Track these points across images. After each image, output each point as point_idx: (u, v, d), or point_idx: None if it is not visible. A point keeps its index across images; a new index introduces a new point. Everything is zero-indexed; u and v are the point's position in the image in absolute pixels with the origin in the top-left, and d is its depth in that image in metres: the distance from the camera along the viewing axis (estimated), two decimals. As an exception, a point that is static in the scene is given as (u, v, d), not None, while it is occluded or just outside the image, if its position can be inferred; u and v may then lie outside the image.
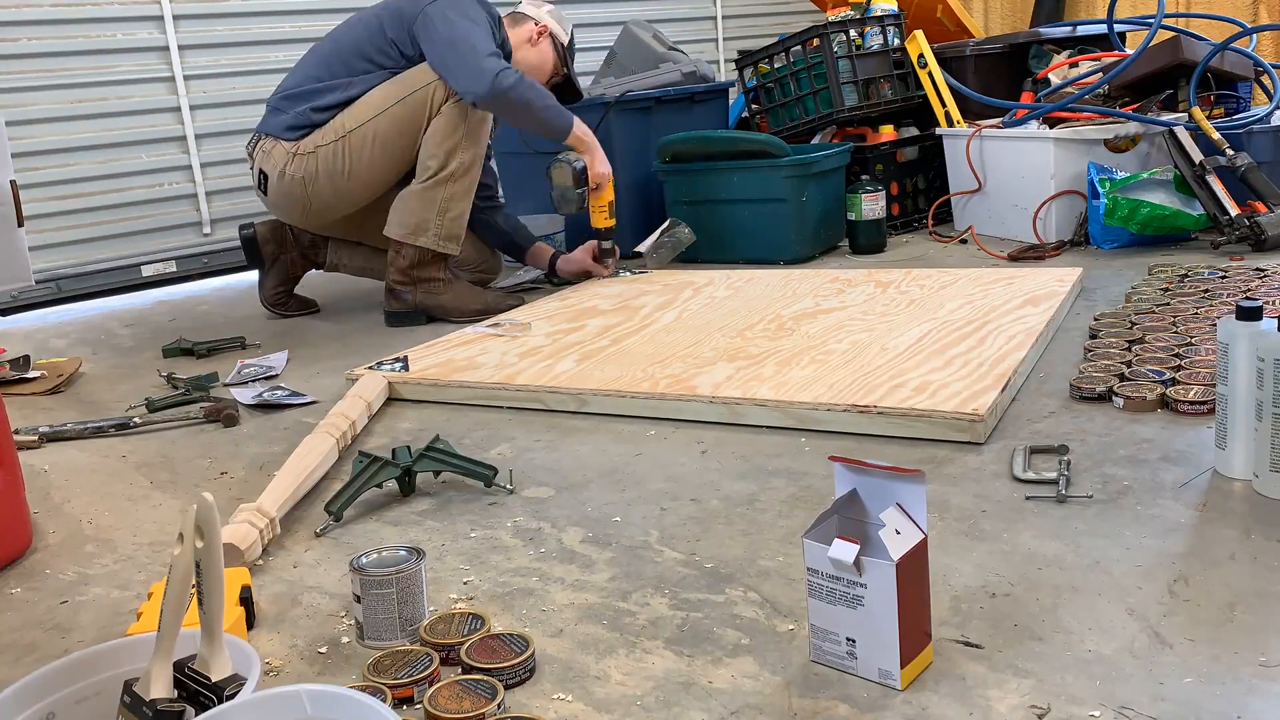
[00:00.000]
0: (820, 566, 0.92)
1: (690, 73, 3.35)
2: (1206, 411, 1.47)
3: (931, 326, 1.94)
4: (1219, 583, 1.04)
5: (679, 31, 4.48)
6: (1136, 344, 1.79)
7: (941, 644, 0.97)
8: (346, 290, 3.07)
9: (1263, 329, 1.21)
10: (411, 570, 1.06)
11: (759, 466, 1.45)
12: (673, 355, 1.90)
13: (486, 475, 1.43)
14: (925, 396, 1.55)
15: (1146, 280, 2.25)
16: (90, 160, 3.20)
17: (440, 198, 2.44)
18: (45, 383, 2.20)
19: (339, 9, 3.61)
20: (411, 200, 2.45)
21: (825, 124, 3.30)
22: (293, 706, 0.77)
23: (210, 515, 0.83)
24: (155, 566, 1.29)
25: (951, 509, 1.26)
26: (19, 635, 1.15)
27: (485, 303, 2.50)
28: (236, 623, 1.06)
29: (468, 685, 0.94)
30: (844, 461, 0.95)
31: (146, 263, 3.34)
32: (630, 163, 3.19)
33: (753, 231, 2.91)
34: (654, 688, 0.94)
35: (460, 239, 2.50)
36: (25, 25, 3.06)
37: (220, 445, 1.74)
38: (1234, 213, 2.52)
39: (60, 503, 1.54)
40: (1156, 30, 2.96)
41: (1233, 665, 0.90)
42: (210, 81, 3.39)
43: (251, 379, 2.12)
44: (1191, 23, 4.02)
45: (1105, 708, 0.86)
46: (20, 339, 2.78)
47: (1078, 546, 1.13)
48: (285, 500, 1.37)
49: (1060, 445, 1.41)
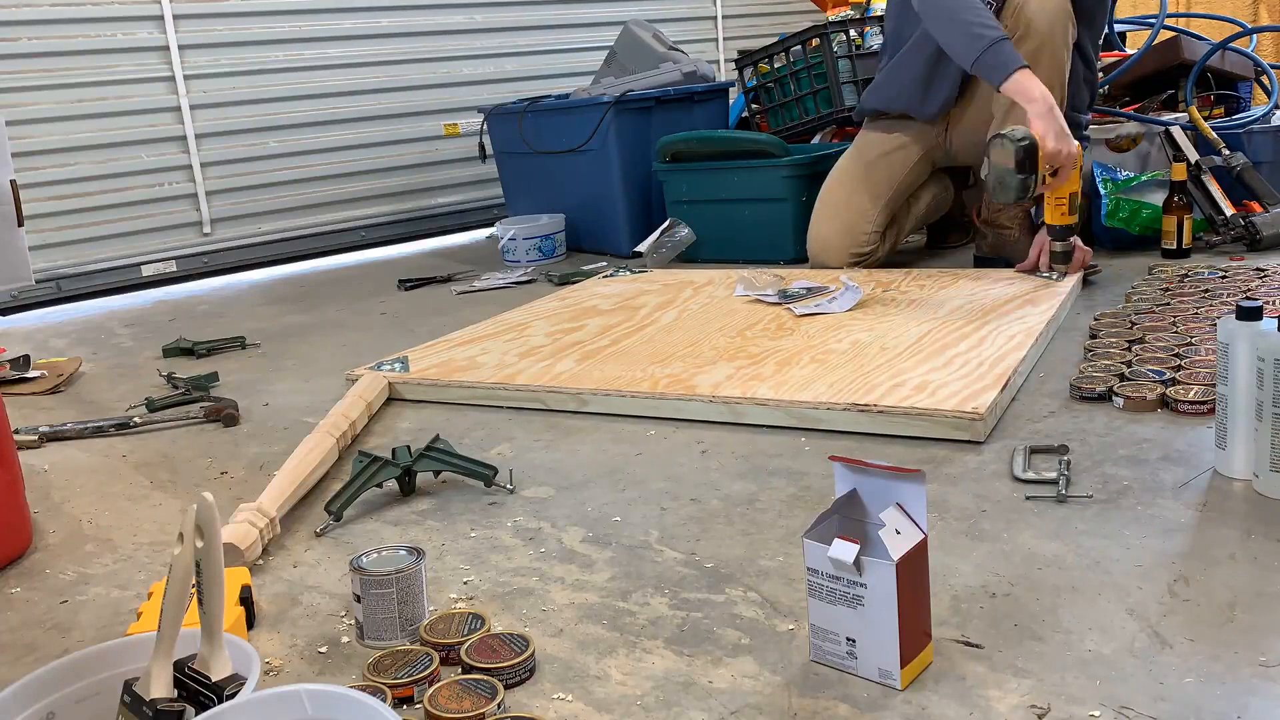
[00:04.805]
0: (820, 566, 0.93)
1: (690, 73, 3.35)
2: (1206, 411, 1.47)
3: (931, 326, 1.94)
4: (1219, 583, 1.04)
5: (679, 31, 4.49)
6: (1136, 344, 1.79)
7: (941, 644, 0.97)
8: (346, 290, 3.08)
9: (1263, 329, 1.21)
10: (411, 570, 1.06)
11: (759, 466, 1.45)
12: (673, 355, 1.90)
13: (486, 475, 1.43)
14: (925, 396, 1.55)
15: (1146, 280, 2.25)
16: (90, 160, 3.20)
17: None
18: (45, 383, 2.20)
19: (339, 9, 3.62)
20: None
21: (825, 124, 3.30)
22: (292, 706, 0.77)
23: (210, 515, 0.83)
24: (155, 566, 1.29)
25: (951, 509, 1.26)
26: (19, 635, 1.15)
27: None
28: (236, 623, 1.06)
29: (468, 685, 0.94)
30: (844, 461, 0.95)
31: (146, 263, 3.34)
32: (630, 163, 3.19)
33: (753, 231, 2.91)
34: (654, 688, 0.94)
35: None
36: (25, 25, 3.06)
37: (220, 445, 1.74)
38: (1229, 213, 2.52)
39: (60, 503, 1.54)
40: (1159, 30, 2.96)
41: (1233, 665, 0.90)
42: (210, 81, 3.39)
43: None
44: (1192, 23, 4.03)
45: (1105, 708, 0.86)
46: (20, 339, 2.78)
47: (1078, 546, 1.13)
48: (285, 500, 1.37)
49: (1060, 445, 1.41)
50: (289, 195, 3.60)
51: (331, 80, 3.64)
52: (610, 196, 3.23)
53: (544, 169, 3.40)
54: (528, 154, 3.43)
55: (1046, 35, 2.24)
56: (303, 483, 1.44)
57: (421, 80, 3.85)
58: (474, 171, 3.91)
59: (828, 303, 2.14)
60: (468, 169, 3.93)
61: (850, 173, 2.61)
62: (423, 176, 3.89)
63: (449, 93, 3.91)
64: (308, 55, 3.59)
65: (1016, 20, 2.26)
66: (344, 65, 3.66)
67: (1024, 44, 2.25)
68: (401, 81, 3.80)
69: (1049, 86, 2.25)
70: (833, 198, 2.61)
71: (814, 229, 2.62)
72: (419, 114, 3.85)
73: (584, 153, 3.23)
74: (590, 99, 3.22)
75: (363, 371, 1.97)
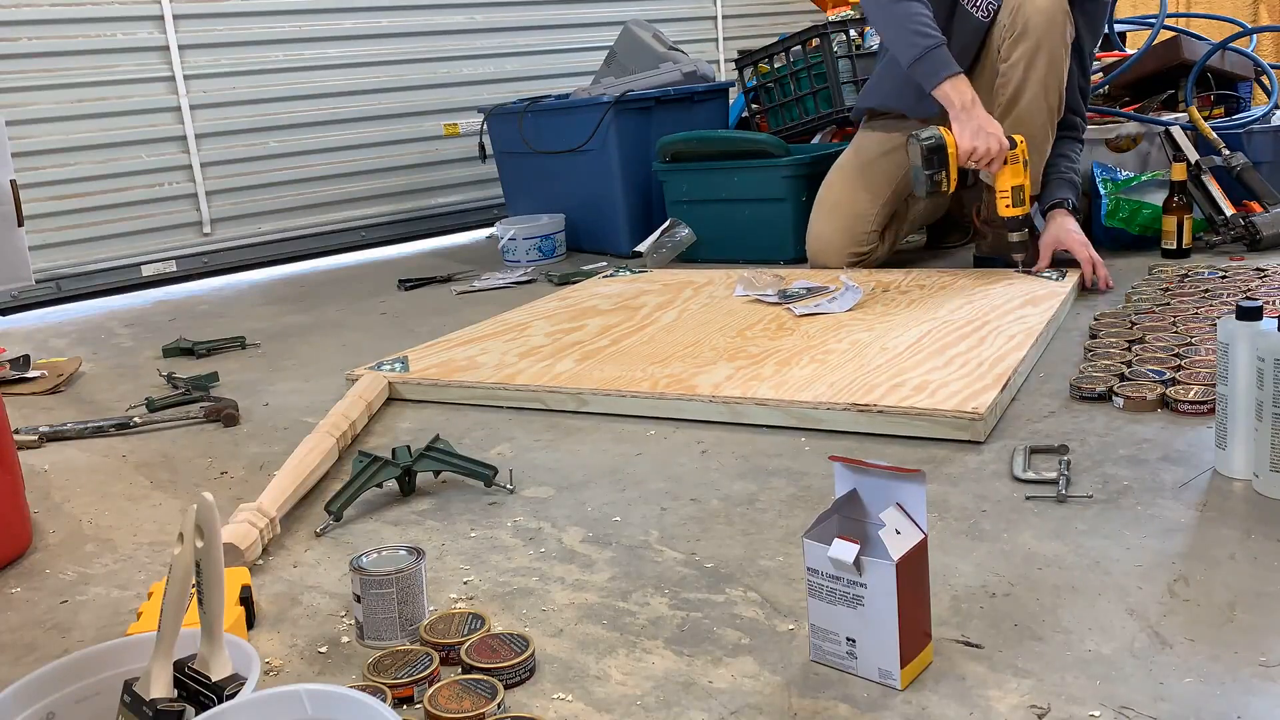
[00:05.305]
0: (820, 566, 0.93)
1: (690, 73, 3.35)
2: (1206, 411, 1.47)
3: (931, 326, 1.94)
4: (1219, 583, 1.04)
5: (679, 31, 4.48)
6: (1136, 344, 1.79)
7: (941, 644, 0.97)
8: (346, 290, 3.08)
9: (1263, 329, 1.21)
10: (411, 570, 1.06)
11: (759, 466, 1.45)
12: (673, 355, 1.90)
13: (486, 475, 1.43)
14: (925, 396, 1.55)
15: (1146, 280, 2.25)
16: (90, 160, 3.20)
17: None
18: (45, 383, 2.20)
19: (339, 9, 3.62)
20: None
21: (825, 124, 3.30)
22: (292, 706, 0.77)
23: (210, 515, 0.83)
24: (155, 566, 1.29)
25: (951, 509, 1.26)
26: (19, 635, 1.15)
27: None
28: (236, 622, 1.06)
29: (468, 685, 0.94)
30: (844, 461, 0.95)
31: (146, 263, 3.34)
32: (630, 163, 3.19)
33: (753, 231, 2.91)
34: (654, 687, 0.94)
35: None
36: (25, 25, 3.06)
37: (220, 445, 1.74)
38: (1229, 213, 2.52)
39: (60, 503, 1.54)
40: (1159, 30, 2.96)
41: (1233, 665, 0.90)
42: (210, 81, 3.39)
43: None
44: (1192, 23, 4.03)
45: (1105, 708, 0.86)
46: (20, 339, 2.78)
47: (1078, 546, 1.13)
48: (285, 500, 1.37)
49: (1060, 445, 1.41)
50: (289, 195, 3.60)
51: (331, 80, 3.64)
52: (610, 196, 3.23)
53: (544, 169, 3.40)
54: (528, 154, 3.43)
55: (1044, 34, 2.24)
56: (303, 483, 1.44)
57: (421, 80, 3.85)
58: (474, 171, 3.91)
59: (828, 303, 2.14)
60: (468, 169, 3.93)
61: (849, 172, 2.61)
62: (423, 176, 3.89)
63: (449, 93, 3.91)
64: (308, 55, 3.59)
65: (1015, 19, 2.27)
66: (344, 65, 3.66)
67: (1021, 43, 2.26)
68: (401, 81, 3.80)
69: (1046, 85, 2.26)
70: (832, 197, 2.61)
71: (813, 229, 2.62)
72: (419, 114, 3.85)
73: (584, 153, 3.24)
74: (590, 99, 3.22)
75: (363, 371, 1.97)
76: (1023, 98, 2.29)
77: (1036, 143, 2.32)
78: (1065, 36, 2.27)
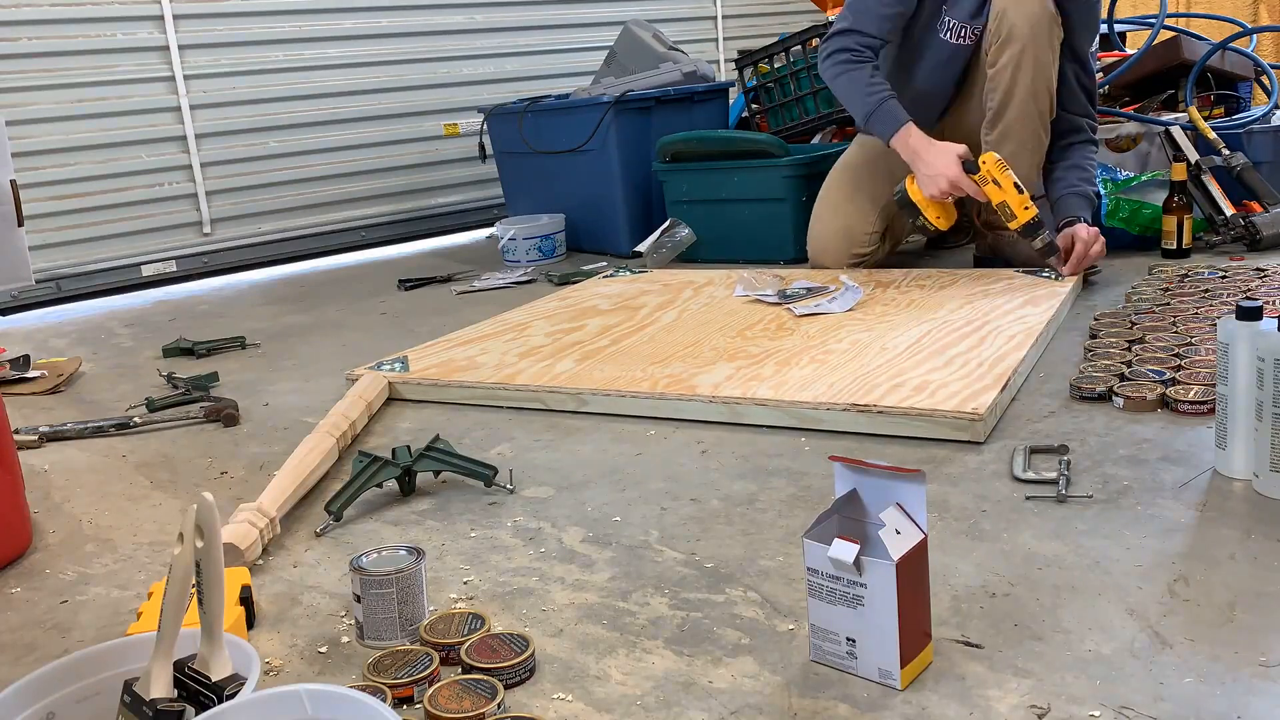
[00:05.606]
0: (820, 566, 0.93)
1: (690, 73, 3.35)
2: (1206, 411, 1.47)
3: (931, 326, 1.94)
4: (1219, 583, 1.04)
5: (679, 31, 4.49)
6: (1136, 344, 1.79)
7: (941, 644, 0.97)
8: (346, 290, 3.08)
9: (1263, 329, 1.21)
10: (411, 570, 1.06)
11: (759, 466, 1.45)
12: (673, 355, 1.90)
13: (486, 475, 1.43)
14: (925, 396, 1.55)
15: (1146, 280, 2.25)
16: (90, 160, 3.20)
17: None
18: (45, 383, 2.20)
19: (339, 9, 3.62)
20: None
21: (825, 124, 3.31)
22: (292, 706, 0.77)
23: (210, 515, 0.83)
24: (155, 566, 1.29)
25: (951, 509, 1.26)
26: (19, 635, 1.15)
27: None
28: (236, 623, 1.06)
29: (468, 685, 0.94)
30: (844, 461, 0.95)
31: (146, 263, 3.34)
32: (630, 163, 3.19)
33: (753, 231, 2.91)
34: (654, 687, 0.94)
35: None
36: (25, 25, 3.07)
37: (220, 445, 1.74)
38: (1229, 213, 2.52)
39: (60, 503, 1.54)
40: (1159, 30, 2.96)
41: (1233, 665, 0.90)
42: (210, 81, 3.39)
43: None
44: (1192, 23, 4.03)
45: (1105, 708, 0.86)
46: (20, 339, 2.78)
47: (1078, 546, 1.13)
48: (285, 500, 1.37)
49: (1060, 445, 1.41)
50: (289, 195, 3.60)
51: (331, 80, 3.64)
52: (610, 196, 3.23)
53: (544, 169, 3.40)
54: (528, 154, 3.43)
55: (1029, 39, 2.25)
56: (303, 483, 1.44)
57: (421, 80, 3.85)
58: (474, 171, 3.91)
59: (828, 303, 2.14)
60: (468, 169, 3.93)
61: (850, 173, 2.61)
62: (423, 176, 3.89)
63: (449, 93, 3.92)
64: (308, 55, 3.59)
65: (1000, 25, 2.28)
66: (344, 65, 3.66)
67: (1008, 48, 2.27)
68: (401, 81, 3.80)
69: (1034, 90, 2.28)
70: (832, 198, 2.61)
71: (814, 229, 2.62)
72: (419, 114, 3.85)
73: (584, 153, 3.24)
74: (590, 99, 3.22)
75: (363, 371, 1.97)
76: (1011, 102, 2.30)
77: (1027, 147, 2.34)
78: (1052, 39, 2.28)
